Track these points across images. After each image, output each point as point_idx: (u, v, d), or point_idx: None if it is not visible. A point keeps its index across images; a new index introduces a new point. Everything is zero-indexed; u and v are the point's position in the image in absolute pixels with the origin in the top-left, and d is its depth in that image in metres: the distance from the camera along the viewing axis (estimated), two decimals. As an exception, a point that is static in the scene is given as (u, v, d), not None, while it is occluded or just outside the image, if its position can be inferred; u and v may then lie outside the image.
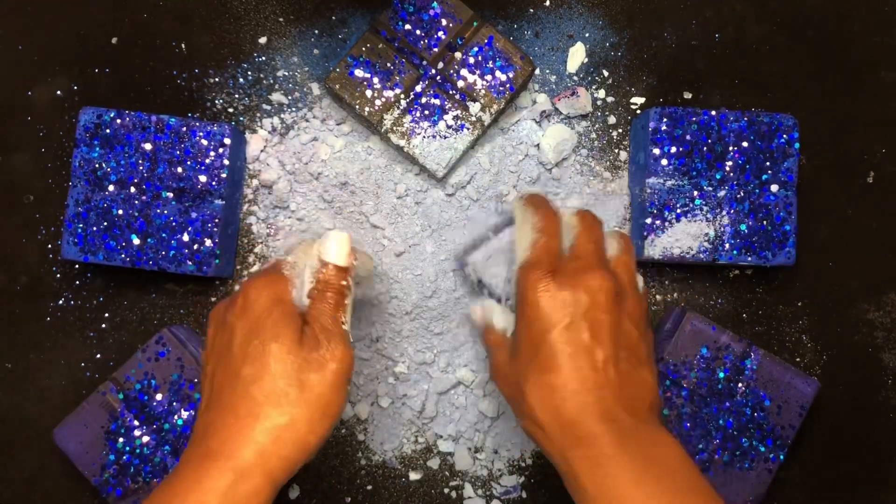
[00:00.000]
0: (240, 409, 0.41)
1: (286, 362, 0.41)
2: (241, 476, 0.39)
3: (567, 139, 0.59)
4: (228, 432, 0.41)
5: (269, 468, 0.40)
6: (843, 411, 0.58)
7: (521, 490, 0.57)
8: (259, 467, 0.40)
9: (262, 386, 0.41)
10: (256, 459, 0.40)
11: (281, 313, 0.43)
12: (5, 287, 0.58)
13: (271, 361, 0.41)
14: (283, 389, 0.41)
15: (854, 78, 0.61)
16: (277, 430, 0.41)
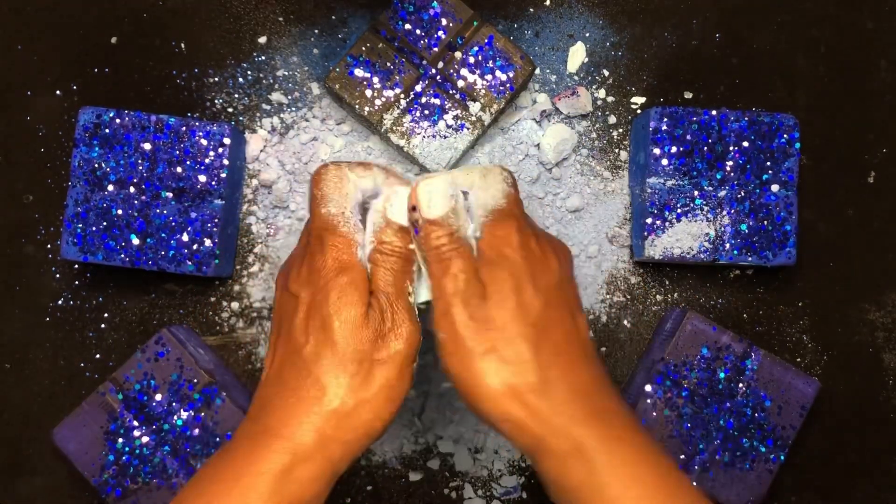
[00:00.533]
0: (301, 388, 0.38)
1: (350, 341, 0.38)
2: (299, 458, 0.37)
3: (567, 139, 0.59)
4: (288, 412, 0.38)
5: (330, 453, 0.38)
6: (844, 411, 0.58)
7: (521, 490, 0.57)
8: (319, 451, 0.37)
9: (326, 367, 0.38)
10: (316, 443, 0.37)
11: (347, 283, 0.39)
12: (5, 287, 0.58)
13: (335, 340, 0.38)
14: (348, 371, 0.38)
15: (854, 78, 0.61)
16: (340, 414, 0.38)
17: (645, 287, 0.59)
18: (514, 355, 0.38)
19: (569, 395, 0.38)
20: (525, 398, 0.38)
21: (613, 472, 0.37)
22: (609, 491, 0.36)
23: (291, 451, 0.37)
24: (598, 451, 0.37)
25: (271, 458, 0.37)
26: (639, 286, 0.59)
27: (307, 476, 0.37)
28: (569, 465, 0.37)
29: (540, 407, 0.38)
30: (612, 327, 0.59)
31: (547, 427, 0.38)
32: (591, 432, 0.37)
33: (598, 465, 0.37)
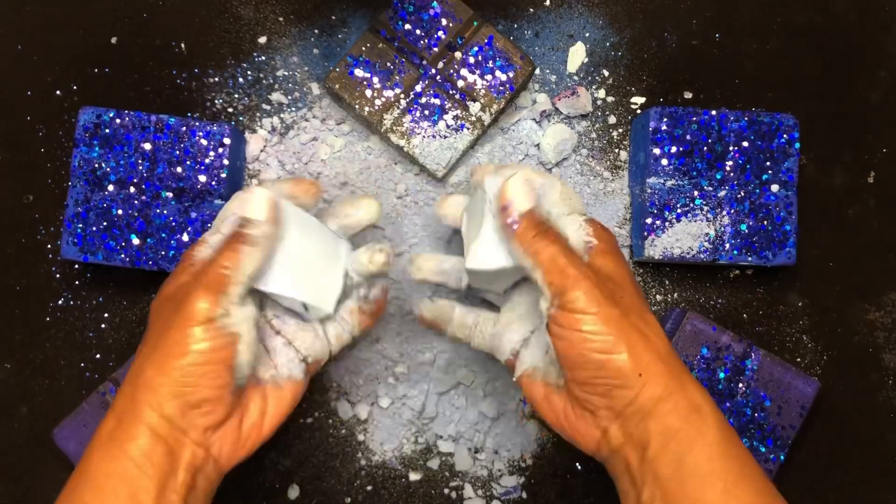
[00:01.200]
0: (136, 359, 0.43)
1: (153, 311, 0.44)
2: (117, 420, 0.41)
3: (567, 139, 0.59)
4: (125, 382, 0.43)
5: (136, 411, 0.41)
6: (844, 411, 0.58)
7: (522, 490, 0.57)
8: (130, 410, 0.41)
9: (144, 340, 0.43)
10: (125, 404, 0.41)
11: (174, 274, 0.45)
12: (5, 287, 0.58)
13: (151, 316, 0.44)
14: (146, 337, 0.43)
15: (854, 78, 0.61)
16: (137, 374, 0.41)
17: (645, 287, 0.59)
18: (647, 324, 0.42)
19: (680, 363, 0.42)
20: (662, 357, 0.41)
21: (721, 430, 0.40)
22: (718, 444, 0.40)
23: (113, 415, 0.41)
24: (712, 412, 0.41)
25: (103, 426, 0.42)
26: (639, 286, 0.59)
27: (124, 434, 0.40)
28: (690, 419, 0.40)
29: (670, 365, 0.41)
30: (611, 327, 0.59)
31: (677, 384, 0.41)
32: (703, 396, 0.41)
33: (711, 422, 0.40)
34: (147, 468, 0.40)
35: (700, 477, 0.39)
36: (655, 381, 0.40)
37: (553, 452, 0.58)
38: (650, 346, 0.41)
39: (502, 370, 0.57)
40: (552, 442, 0.58)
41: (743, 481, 0.39)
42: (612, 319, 0.40)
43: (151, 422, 0.40)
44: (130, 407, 0.41)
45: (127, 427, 0.40)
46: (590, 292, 0.40)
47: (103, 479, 0.40)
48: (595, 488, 0.57)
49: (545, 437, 0.58)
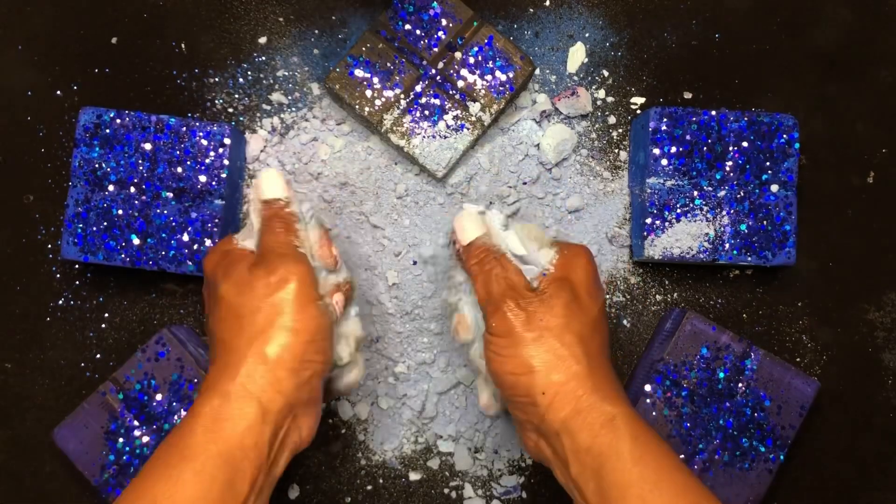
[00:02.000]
0: (217, 355, 0.43)
1: (241, 295, 0.43)
2: (225, 400, 0.41)
3: (567, 139, 0.59)
4: (212, 375, 0.42)
5: (252, 392, 0.41)
6: (843, 411, 0.58)
7: (521, 490, 0.57)
8: (241, 392, 0.41)
9: (227, 327, 0.43)
10: (237, 387, 0.41)
11: (227, 262, 0.45)
12: (5, 287, 0.58)
13: (227, 300, 0.43)
14: (244, 321, 0.42)
15: (854, 78, 0.61)
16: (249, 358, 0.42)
17: (644, 287, 0.59)
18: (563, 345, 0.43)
19: (605, 380, 0.44)
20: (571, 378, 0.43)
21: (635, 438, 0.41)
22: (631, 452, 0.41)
23: (215, 397, 0.41)
24: (625, 423, 0.41)
25: (203, 405, 0.41)
26: (638, 286, 0.59)
27: (235, 413, 0.41)
28: (601, 434, 0.41)
29: (586, 384, 0.43)
30: (611, 327, 0.59)
31: (584, 403, 0.42)
32: (619, 410, 0.42)
33: (623, 433, 0.41)
34: (250, 452, 0.40)
35: (618, 489, 0.40)
36: (562, 401, 0.42)
37: (553, 452, 0.58)
38: (562, 367, 0.43)
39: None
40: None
41: (662, 484, 0.40)
42: (524, 342, 0.43)
43: (264, 400, 0.41)
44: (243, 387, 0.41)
45: (237, 405, 0.41)
46: (503, 319, 0.44)
47: (206, 459, 0.39)
48: (595, 488, 0.57)
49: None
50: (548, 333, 0.43)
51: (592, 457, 0.41)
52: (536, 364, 0.43)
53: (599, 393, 0.42)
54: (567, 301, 0.44)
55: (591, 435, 0.41)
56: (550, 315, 0.44)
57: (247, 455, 0.40)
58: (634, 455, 0.40)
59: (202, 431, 0.40)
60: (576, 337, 0.43)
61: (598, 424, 0.41)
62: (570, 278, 0.45)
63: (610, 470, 0.40)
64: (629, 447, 0.41)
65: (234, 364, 0.42)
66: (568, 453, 0.42)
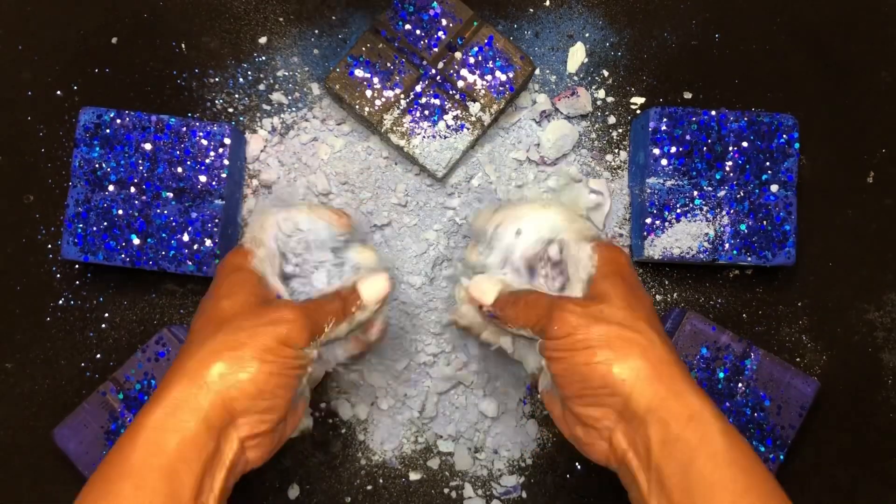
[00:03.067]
0: (180, 356, 0.42)
1: (235, 315, 0.42)
2: (168, 410, 0.40)
3: (567, 134, 0.59)
4: (167, 378, 0.41)
5: (198, 404, 0.40)
6: (843, 411, 0.58)
7: (521, 490, 0.57)
8: (188, 403, 0.40)
9: (204, 334, 0.42)
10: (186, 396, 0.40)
11: (238, 279, 0.44)
12: (5, 287, 0.58)
13: (219, 314, 0.43)
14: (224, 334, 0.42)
15: (854, 78, 0.61)
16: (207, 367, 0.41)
17: (644, 287, 0.59)
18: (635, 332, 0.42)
19: (683, 369, 0.42)
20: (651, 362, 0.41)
21: (726, 437, 0.39)
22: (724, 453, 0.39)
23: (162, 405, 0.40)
24: (714, 419, 0.40)
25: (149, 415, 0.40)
26: (638, 286, 0.59)
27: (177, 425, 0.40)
28: (690, 426, 0.39)
29: (671, 370, 0.41)
30: (611, 327, 0.59)
31: (671, 389, 0.41)
32: (704, 402, 0.40)
33: (714, 429, 0.39)
34: (193, 463, 0.39)
35: (707, 487, 0.38)
36: (643, 387, 0.41)
37: (553, 452, 0.58)
38: (640, 352, 0.41)
39: (502, 370, 0.57)
40: (552, 442, 0.58)
41: (752, 490, 0.39)
42: (592, 332, 0.42)
43: (211, 415, 0.40)
44: (190, 397, 0.40)
45: (182, 417, 0.40)
46: (562, 319, 0.43)
47: (147, 472, 0.39)
48: (594, 488, 0.57)
49: (545, 436, 0.58)
50: (615, 322, 0.42)
51: (682, 449, 0.39)
52: (611, 350, 0.41)
53: (684, 382, 0.41)
54: (625, 293, 0.43)
55: (680, 425, 0.39)
56: (613, 307, 0.43)
57: (189, 468, 0.39)
58: (728, 455, 0.39)
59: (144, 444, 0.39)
60: (645, 323, 0.42)
61: (686, 416, 0.40)
62: (621, 273, 0.45)
63: (701, 466, 0.39)
64: (723, 445, 0.39)
65: (188, 369, 0.41)
66: (654, 443, 0.40)
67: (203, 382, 0.40)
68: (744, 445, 0.40)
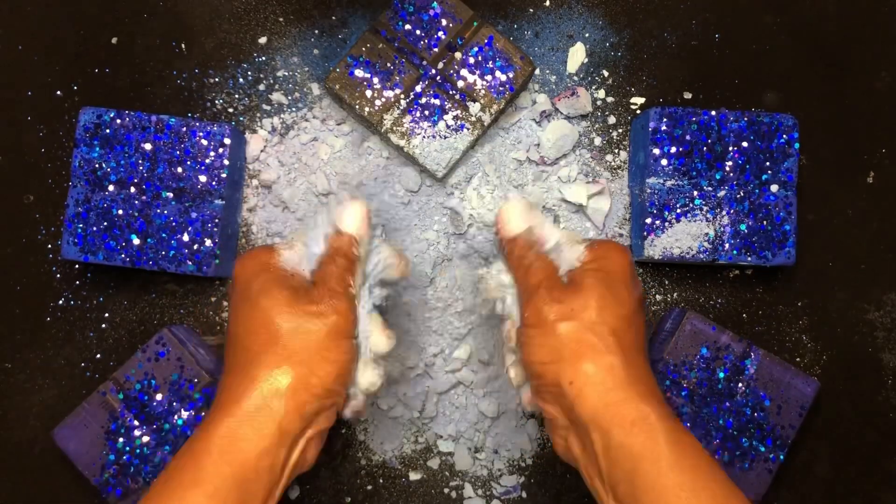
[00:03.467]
0: (240, 364, 0.42)
1: (280, 315, 0.42)
2: (242, 419, 0.40)
3: (567, 134, 0.59)
4: (232, 386, 0.41)
5: (272, 410, 0.40)
6: (843, 411, 0.58)
7: (521, 490, 0.57)
8: (261, 410, 0.40)
9: (257, 338, 0.42)
10: (257, 403, 0.40)
11: (267, 278, 0.44)
12: (5, 287, 0.58)
13: (264, 315, 0.42)
14: (280, 340, 0.41)
15: (854, 78, 0.61)
16: (276, 373, 0.41)
17: (644, 287, 0.59)
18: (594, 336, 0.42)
19: (638, 375, 0.42)
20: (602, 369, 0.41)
21: (671, 441, 0.39)
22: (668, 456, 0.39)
23: (234, 415, 0.40)
24: (661, 423, 0.40)
25: (219, 424, 0.40)
26: (638, 286, 0.59)
27: (253, 434, 0.40)
28: (633, 432, 0.39)
29: (617, 376, 0.41)
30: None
31: (616, 396, 0.41)
32: (654, 408, 0.40)
33: (659, 433, 0.39)
34: (266, 473, 0.40)
35: (655, 493, 0.38)
36: (591, 391, 0.41)
37: (553, 452, 0.58)
38: (591, 357, 0.41)
39: (502, 370, 0.57)
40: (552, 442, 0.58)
41: (701, 493, 0.38)
42: (554, 331, 0.42)
43: (286, 422, 0.40)
44: (264, 406, 0.40)
45: (257, 426, 0.40)
46: (535, 309, 0.43)
47: (220, 481, 0.38)
48: (595, 488, 0.57)
49: (545, 436, 0.58)
50: (579, 323, 0.42)
51: (625, 457, 0.39)
52: (565, 352, 0.42)
53: (633, 388, 0.41)
54: (601, 292, 0.43)
55: (623, 432, 0.39)
56: (583, 305, 0.42)
57: (260, 477, 0.40)
58: (671, 459, 0.39)
59: (217, 452, 0.39)
60: (608, 328, 0.42)
61: (630, 421, 0.40)
62: (606, 269, 0.44)
63: (644, 473, 0.39)
64: (666, 450, 0.39)
65: (258, 378, 0.41)
66: (598, 450, 0.40)
67: (276, 391, 0.40)
68: (691, 447, 0.40)
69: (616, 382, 0.41)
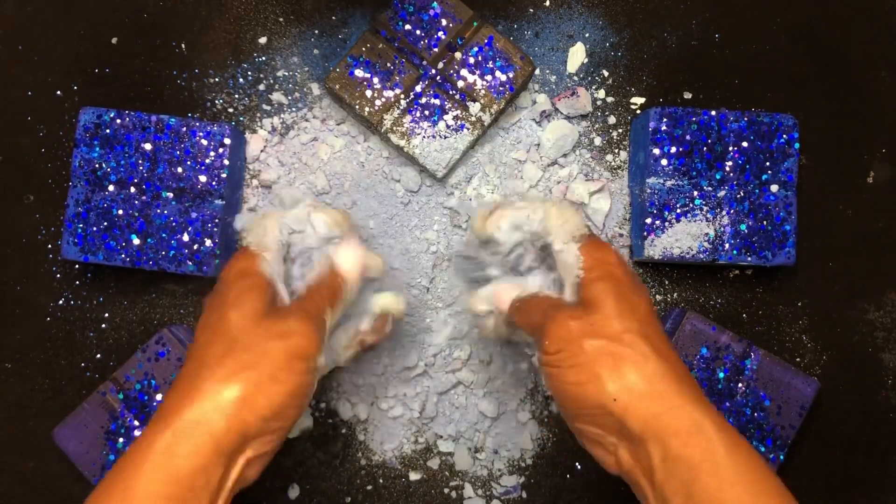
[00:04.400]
0: (190, 372, 0.41)
1: (244, 329, 0.41)
2: (178, 434, 0.38)
3: (568, 134, 0.59)
4: (178, 396, 0.40)
5: (212, 429, 0.39)
6: (843, 411, 0.58)
7: (521, 490, 0.57)
8: (201, 426, 0.39)
9: (213, 349, 0.41)
10: (199, 419, 0.39)
11: (246, 285, 0.43)
12: (5, 287, 0.58)
13: (228, 327, 0.41)
14: (234, 353, 0.40)
15: (854, 78, 0.61)
16: (220, 387, 0.39)
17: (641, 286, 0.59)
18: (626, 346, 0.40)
19: (681, 379, 0.40)
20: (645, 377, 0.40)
21: (730, 451, 0.38)
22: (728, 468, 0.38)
23: (173, 428, 0.39)
24: (715, 430, 0.38)
25: (157, 437, 0.39)
26: (638, 286, 0.59)
27: (189, 451, 0.38)
28: (691, 442, 0.38)
29: (667, 382, 0.40)
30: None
31: (667, 404, 0.39)
32: (705, 413, 0.39)
33: (717, 443, 0.38)
34: (202, 492, 0.38)
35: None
36: (637, 405, 0.39)
37: (553, 452, 0.58)
38: (632, 368, 0.40)
39: (502, 370, 0.57)
40: (552, 442, 0.58)
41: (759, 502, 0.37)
42: (581, 349, 0.41)
43: (225, 441, 0.39)
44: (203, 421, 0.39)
45: (195, 442, 0.38)
46: (553, 334, 0.42)
47: (153, 501, 0.37)
48: (594, 488, 0.57)
49: (545, 436, 0.58)
50: (604, 336, 0.40)
51: (684, 468, 0.37)
52: (599, 369, 0.40)
53: (681, 394, 0.39)
54: (615, 300, 0.42)
55: (680, 442, 0.38)
56: (603, 317, 0.41)
57: (196, 495, 0.38)
58: (731, 471, 0.37)
59: (151, 468, 0.38)
60: (636, 335, 0.40)
61: (686, 431, 0.38)
62: (611, 276, 0.43)
63: (704, 486, 0.37)
64: (726, 461, 0.37)
65: (202, 390, 0.39)
66: (655, 461, 0.38)
67: (218, 406, 0.39)
68: (749, 456, 0.39)
69: (663, 389, 0.39)
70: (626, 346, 0.40)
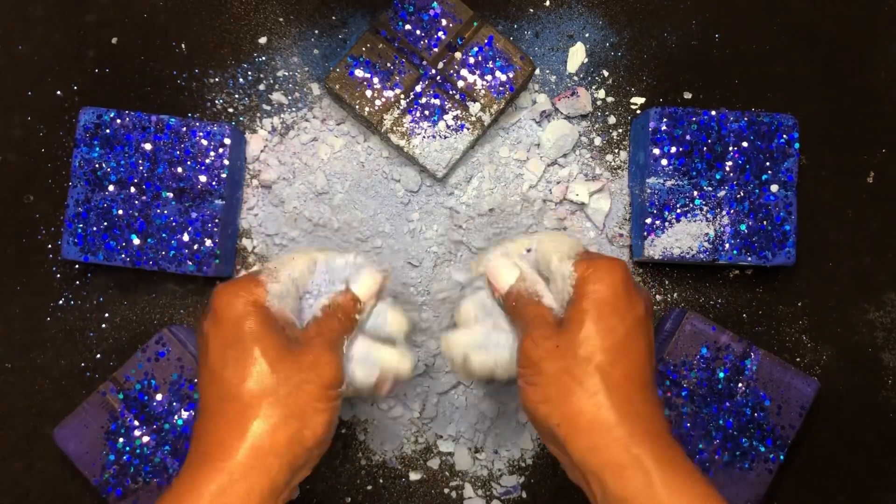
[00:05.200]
0: (229, 412, 0.40)
1: (274, 365, 0.41)
2: (235, 476, 0.39)
3: (568, 134, 0.59)
4: (220, 435, 0.40)
5: (266, 467, 0.40)
6: (843, 411, 0.58)
7: (521, 490, 0.57)
8: (254, 467, 0.39)
9: (250, 387, 0.41)
10: (251, 459, 0.39)
11: (258, 320, 0.42)
12: (5, 287, 0.58)
13: (258, 364, 0.41)
14: (275, 392, 0.41)
15: (854, 78, 0.61)
16: (270, 428, 0.40)
17: (644, 287, 0.59)
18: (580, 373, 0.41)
19: (629, 412, 0.40)
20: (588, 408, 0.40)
21: (667, 487, 0.38)
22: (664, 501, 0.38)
23: (227, 469, 0.39)
24: (655, 465, 0.39)
25: (210, 477, 0.39)
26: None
27: (243, 491, 0.39)
28: (626, 476, 0.39)
29: (604, 417, 0.40)
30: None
31: (606, 437, 0.40)
32: (647, 451, 0.39)
33: (655, 478, 0.38)
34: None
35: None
36: (578, 434, 0.40)
37: (553, 452, 0.58)
38: (574, 399, 0.40)
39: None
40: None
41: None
42: (543, 372, 0.42)
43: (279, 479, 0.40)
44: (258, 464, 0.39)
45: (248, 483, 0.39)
46: (526, 350, 0.43)
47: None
48: (595, 488, 0.57)
49: (545, 436, 0.58)
50: (563, 362, 0.41)
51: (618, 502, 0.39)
52: (551, 392, 0.41)
53: (622, 428, 0.39)
54: (592, 322, 0.41)
55: (614, 478, 0.39)
56: (568, 342, 0.41)
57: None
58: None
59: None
60: (593, 365, 0.40)
61: (620, 466, 0.39)
62: (595, 297, 0.42)
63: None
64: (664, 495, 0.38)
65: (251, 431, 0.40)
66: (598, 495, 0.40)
67: (272, 447, 0.40)
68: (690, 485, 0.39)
69: (603, 424, 0.40)
70: (579, 376, 0.41)
